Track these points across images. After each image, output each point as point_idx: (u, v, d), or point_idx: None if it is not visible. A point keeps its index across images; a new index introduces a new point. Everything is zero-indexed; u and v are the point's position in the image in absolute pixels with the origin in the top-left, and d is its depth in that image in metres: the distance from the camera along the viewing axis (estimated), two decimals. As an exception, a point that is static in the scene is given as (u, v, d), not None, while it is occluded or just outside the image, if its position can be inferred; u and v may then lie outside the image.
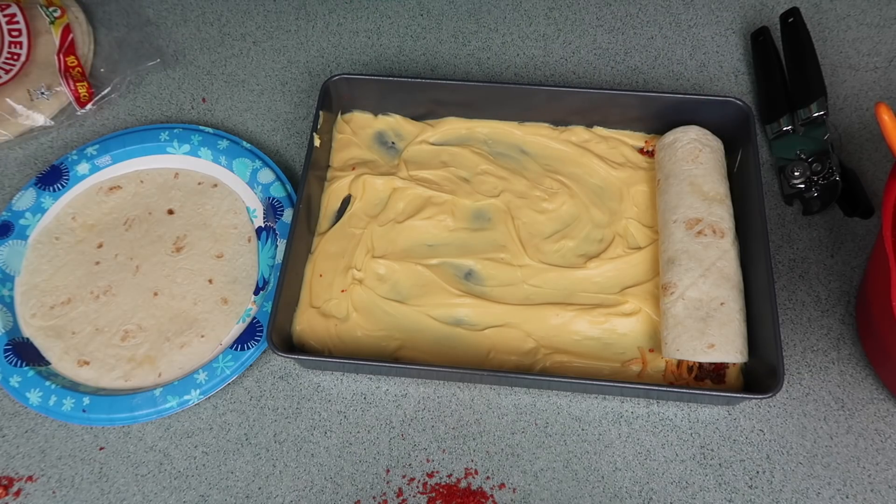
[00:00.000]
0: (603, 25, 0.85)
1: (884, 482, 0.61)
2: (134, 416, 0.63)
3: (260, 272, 0.70)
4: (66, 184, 0.75)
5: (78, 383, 0.66)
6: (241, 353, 0.65)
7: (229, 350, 0.65)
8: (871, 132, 0.75)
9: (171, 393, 0.64)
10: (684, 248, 0.64)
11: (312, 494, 0.62)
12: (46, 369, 0.67)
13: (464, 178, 0.73)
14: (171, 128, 0.77)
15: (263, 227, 0.72)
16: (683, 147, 0.68)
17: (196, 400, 0.64)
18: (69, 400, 0.64)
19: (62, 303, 0.70)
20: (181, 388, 0.64)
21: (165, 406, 0.63)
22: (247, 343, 0.65)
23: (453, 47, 0.84)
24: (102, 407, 0.63)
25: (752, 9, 0.85)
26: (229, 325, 0.68)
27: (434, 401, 0.65)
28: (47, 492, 0.63)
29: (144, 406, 0.63)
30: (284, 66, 0.84)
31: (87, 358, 0.67)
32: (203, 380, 0.64)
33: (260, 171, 0.74)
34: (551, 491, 0.61)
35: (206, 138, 0.76)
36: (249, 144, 0.76)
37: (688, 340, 0.60)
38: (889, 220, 0.56)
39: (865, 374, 0.65)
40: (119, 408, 0.63)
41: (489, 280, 0.68)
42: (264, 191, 0.73)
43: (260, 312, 0.67)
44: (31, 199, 0.73)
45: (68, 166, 0.75)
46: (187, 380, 0.64)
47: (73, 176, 0.75)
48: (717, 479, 0.61)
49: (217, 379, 0.64)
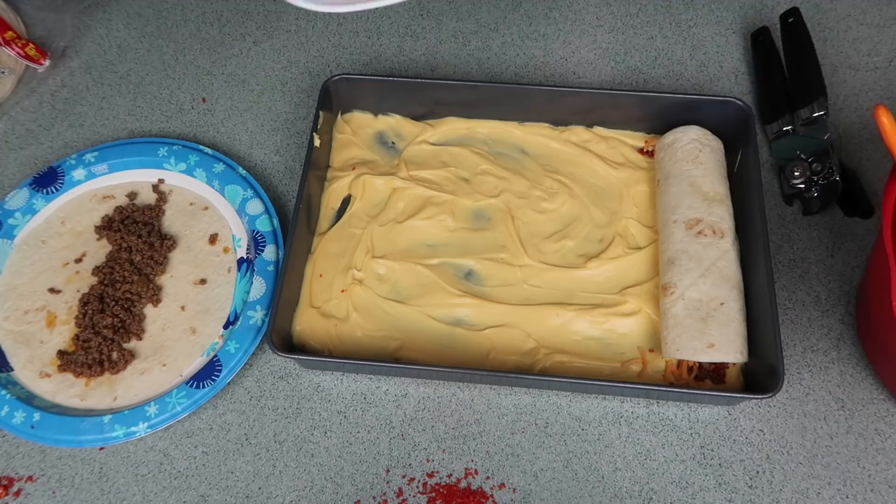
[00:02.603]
0: (603, 25, 0.85)
1: (884, 482, 0.61)
2: (79, 439, 0.62)
3: (233, 306, 0.68)
4: (60, 187, 0.74)
5: (34, 395, 0.65)
6: (196, 390, 0.63)
7: (184, 386, 0.63)
8: (871, 132, 0.75)
9: (120, 422, 0.62)
10: (684, 249, 0.64)
11: (312, 494, 0.62)
12: (7, 376, 0.65)
13: (464, 178, 0.73)
14: (170, 143, 0.76)
15: (245, 258, 0.70)
16: (683, 147, 0.68)
17: (143, 433, 0.62)
18: (20, 413, 0.63)
19: (36, 309, 0.69)
20: (130, 418, 0.62)
21: (112, 434, 0.62)
22: (203, 381, 0.63)
23: (453, 47, 0.84)
24: (51, 426, 0.62)
25: (752, 9, 0.85)
26: (193, 356, 0.66)
27: (434, 401, 0.65)
28: (47, 492, 0.63)
29: (91, 431, 0.62)
30: (284, 66, 0.84)
31: (49, 371, 0.66)
32: (153, 413, 0.62)
33: (250, 200, 0.72)
34: (551, 491, 0.61)
35: (203, 159, 0.74)
36: (245, 171, 0.74)
37: (688, 340, 0.60)
38: (889, 220, 0.56)
39: (865, 374, 0.65)
40: (67, 429, 0.62)
41: (489, 280, 0.68)
42: (250, 222, 0.71)
43: (222, 351, 0.65)
44: (23, 200, 0.73)
45: (65, 170, 0.74)
46: (137, 411, 0.62)
47: (69, 181, 0.74)
48: (717, 479, 0.61)
49: (167, 414, 0.62)
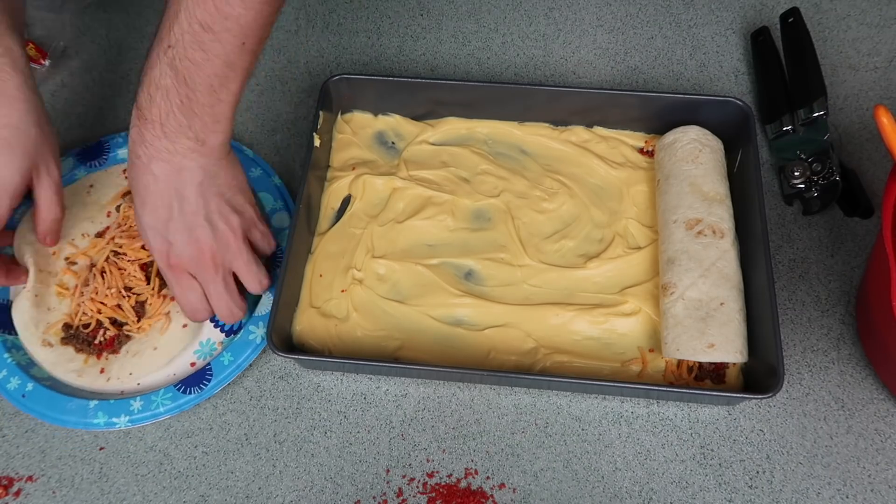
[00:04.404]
0: (603, 25, 0.85)
1: (884, 482, 0.61)
2: (63, 418, 0.63)
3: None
4: (104, 162, 0.75)
5: (34, 364, 0.66)
6: (182, 395, 0.63)
7: (171, 388, 0.63)
8: (871, 132, 0.75)
9: (104, 410, 0.63)
10: (684, 249, 0.64)
11: (312, 494, 0.62)
12: (13, 339, 0.66)
13: (464, 178, 0.73)
14: None
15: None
16: (683, 147, 0.68)
17: (123, 426, 0.62)
18: (15, 380, 0.64)
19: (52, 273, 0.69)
20: (114, 408, 0.63)
21: (93, 420, 0.62)
22: (191, 388, 0.63)
23: (453, 47, 0.84)
24: (40, 399, 0.63)
25: (752, 9, 0.85)
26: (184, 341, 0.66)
27: (434, 401, 0.65)
28: (47, 492, 0.63)
29: (76, 413, 0.63)
30: (284, 66, 0.84)
31: (52, 341, 0.67)
32: (137, 408, 0.63)
33: (278, 212, 0.71)
34: (551, 491, 0.61)
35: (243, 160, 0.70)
36: (280, 181, 0.73)
37: (688, 340, 0.60)
38: (889, 220, 0.56)
39: (865, 374, 0.65)
40: (54, 406, 0.63)
41: (489, 280, 0.68)
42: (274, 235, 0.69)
43: (216, 360, 0.64)
44: (66, 168, 0.74)
45: (111, 147, 0.76)
46: (121, 403, 0.63)
47: (112, 157, 0.76)
48: (717, 479, 0.61)
49: (149, 413, 0.63)
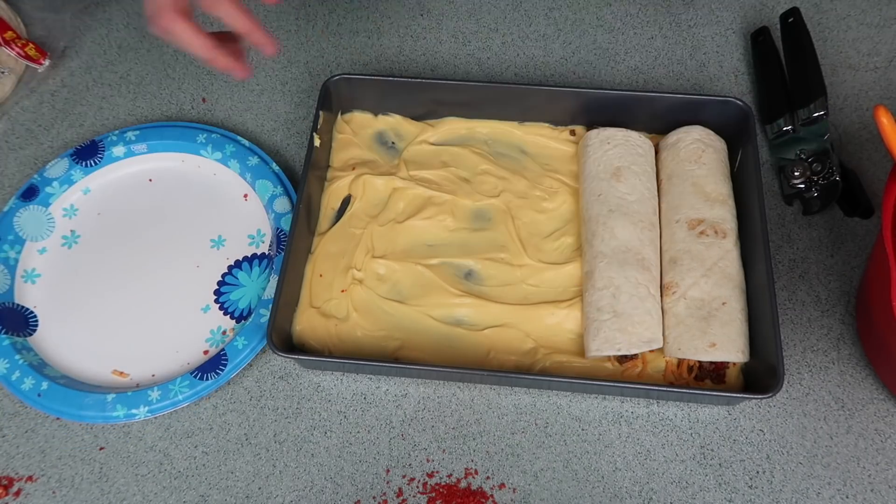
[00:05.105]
0: (603, 25, 0.85)
1: (884, 482, 0.61)
2: (81, 413, 0.63)
3: (248, 300, 0.69)
4: (99, 161, 0.75)
5: (46, 364, 0.66)
6: (199, 381, 0.63)
7: (188, 375, 0.64)
8: (871, 132, 0.75)
9: (122, 403, 0.63)
10: (686, 248, 0.64)
11: (312, 494, 0.62)
12: (23, 341, 0.67)
13: (464, 178, 0.73)
14: (209, 130, 0.76)
15: (266, 254, 0.71)
16: (686, 147, 0.68)
17: (143, 416, 0.63)
18: (30, 380, 0.64)
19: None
20: (132, 400, 0.63)
21: (112, 414, 0.63)
22: (208, 373, 0.64)
23: (453, 47, 0.84)
24: (56, 396, 0.63)
25: (752, 9, 0.85)
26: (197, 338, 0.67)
27: (434, 401, 0.65)
28: (47, 492, 0.62)
29: (94, 408, 0.63)
30: (284, 66, 0.84)
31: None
32: (155, 398, 0.63)
33: (279, 198, 0.72)
34: (551, 491, 0.61)
35: (239, 150, 0.75)
36: (278, 167, 0.74)
37: (689, 339, 0.60)
38: (889, 220, 0.56)
39: (865, 374, 0.65)
40: (71, 402, 0.63)
41: (489, 280, 0.68)
42: (276, 220, 0.71)
43: (230, 346, 0.65)
44: (62, 170, 0.74)
45: (106, 145, 0.75)
46: (139, 394, 0.63)
47: (108, 156, 0.75)
48: (717, 479, 0.61)
49: (168, 401, 0.63)
